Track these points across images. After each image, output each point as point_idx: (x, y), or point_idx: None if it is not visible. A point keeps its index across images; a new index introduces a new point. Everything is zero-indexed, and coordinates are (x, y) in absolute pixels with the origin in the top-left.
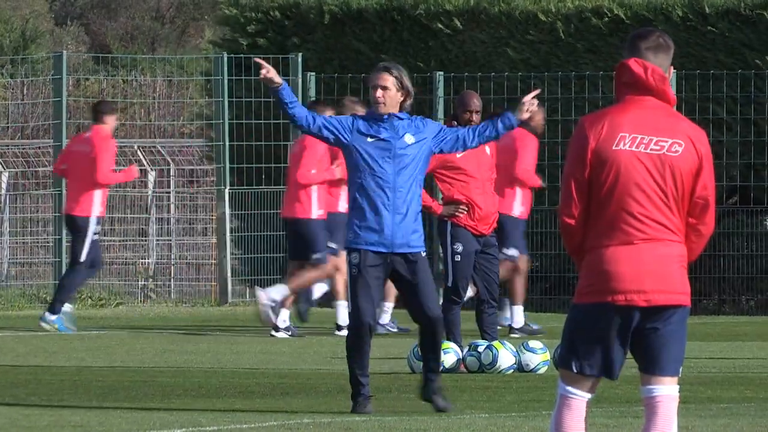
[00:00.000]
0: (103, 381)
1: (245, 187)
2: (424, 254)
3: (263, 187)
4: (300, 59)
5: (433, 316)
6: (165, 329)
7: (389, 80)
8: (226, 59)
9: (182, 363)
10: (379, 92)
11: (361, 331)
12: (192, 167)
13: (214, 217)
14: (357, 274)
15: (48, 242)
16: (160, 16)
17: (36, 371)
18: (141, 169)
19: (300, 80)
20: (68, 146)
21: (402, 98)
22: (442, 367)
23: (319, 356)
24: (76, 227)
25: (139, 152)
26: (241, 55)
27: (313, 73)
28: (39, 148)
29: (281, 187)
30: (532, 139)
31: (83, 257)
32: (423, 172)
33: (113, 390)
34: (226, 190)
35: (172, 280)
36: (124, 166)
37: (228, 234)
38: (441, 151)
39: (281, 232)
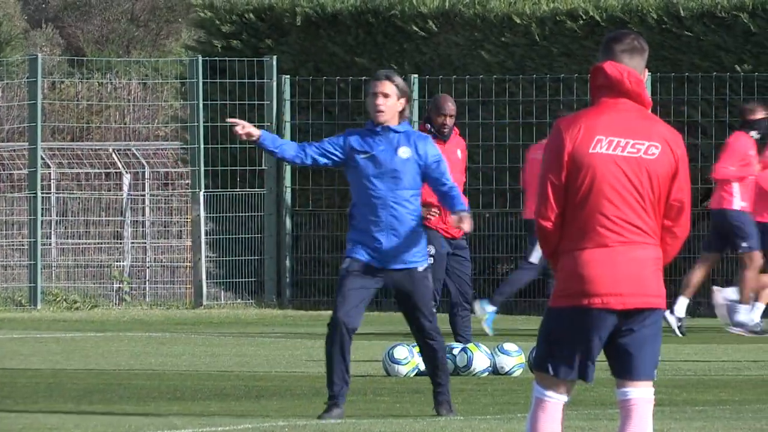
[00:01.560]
0: (78, 384)
1: (220, 190)
2: (422, 269)
3: (238, 189)
4: (275, 62)
5: (430, 330)
6: (140, 332)
7: (391, 88)
8: (200, 62)
9: (157, 366)
10: (381, 99)
11: (334, 332)
12: (167, 170)
13: (189, 220)
14: (343, 277)
15: (23, 245)
16: (135, 18)
17: (11, 374)
18: (116, 172)
19: (275, 83)
20: (528, 154)
21: (402, 106)
22: (415, 371)
23: (294, 359)
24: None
25: (114, 155)
26: (216, 58)
27: (288, 76)
28: (14, 150)
29: (256, 189)
30: (740, 138)
31: (535, 258)
32: (419, 185)
33: (88, 393)
34: (201, 193)
35: (147, 282)
36: (100, 168)
37: (203, 236)
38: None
39: (256, 235)
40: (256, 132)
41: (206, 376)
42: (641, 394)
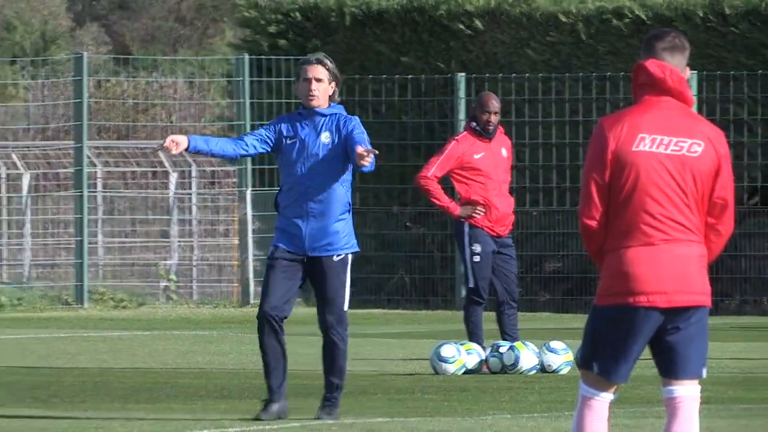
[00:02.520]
0: (124, 382)
1: (267, 189)
2: (337, 258)
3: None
4: None
5: (328, 328)
6: (187, 330)
7: (323, 72)
8: (247, 61)
9: (204, 364)
10: (314, 84)
11: (261, 323)
12: (214, 168)
13: (235, 219)
14: (268, 266)
15: (70, 244)
16: (181, 17)
17: (58, 373)
18: (162, 171)
19: None
20: None
21: (332, 89)
22: (463, 369)
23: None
24: None
25: (160, 153)
26: (262, 57)
27: None
28: (60, 149)
29: None
30: None
31: None
32: (343, 171)
33: (135, 391)
34: (248, 192)
35: (193, 281)
36: (146, 167)
37: (250, 235)
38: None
39: None
40: (184, 144)
41: (253, 375)
42: (687, 392)
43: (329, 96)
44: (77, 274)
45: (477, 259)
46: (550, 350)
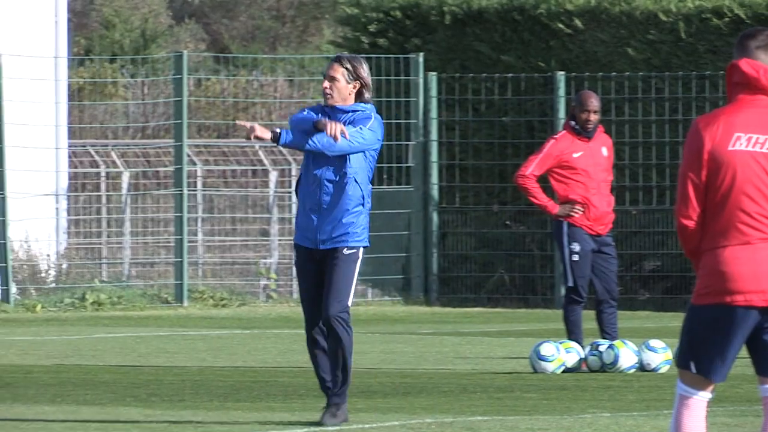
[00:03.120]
0: (224, 381)
1: None
2: (347, 251)
3: (384, 187)
4: (421, 59)
5: (329, 316)
6: (287, 329)
7: (339, 71)
8: None
9: (304, 363)
10: (326, 83)
11: (308, 332)
12: None
13: None
14: (298, 276)
15: (169, 242)
16: (280, 15)
17: (157, 372)
18: (262, 169)
19: (421, 80)
20: None
21: (354, 89)
22: (562, 367)
23: (442, 356)
24: None
25: (260, 152)
26: (362, 56)
27: (435, 74)
28: (160, 147)
29: (402, 186)
30: None
31: None
32: (357, 166)
33: (234, 390)
34: None
35: (293, 279)
36: (246, 165)
37: None
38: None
39: (403, 232)
40: (267, 134)
41: (353, 373)
42: None
43: (354, 95)
44: (177, 273)
45: (576, 258)
46: (649, 349)
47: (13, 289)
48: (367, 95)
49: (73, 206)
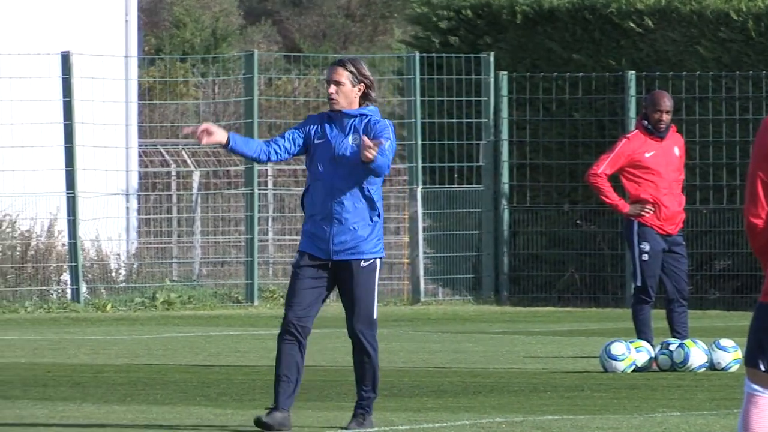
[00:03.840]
0: None
1: (437, 186)
2: (365, 264)
3: (455, 186)
4: (492, 58)
5: (357, 336)
6: None
7: (343, 75)
8: (418, 59)
9: None
10: (332, 88)
11: (283, 330)
12: None
13: (406, 216)
14: (293, 274)
15: (240, 242)
16: (351, 14)
17: (228, 371)
18: None
19: (492, 79)
20: None
21: (360, 92)
22: (633, 366)
23: (512, 355)
24: None
25: None
26: (433, 55)
27: (505, 73)
28: None
29: (473, 186)
30: None
31: None
32: (369, 174)
33: (305, 389)
34: (419, 189)
35: None
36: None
37: (420, 233)
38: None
39: (474, 231)
40: (223, 137)
41: (423, 373)
42: None
43: (359, 98)
44: (247, 272)
45: (645, 257)
46: (719, 348)
47: (84, 288)
48: (373, 95)
49: (144, 206)
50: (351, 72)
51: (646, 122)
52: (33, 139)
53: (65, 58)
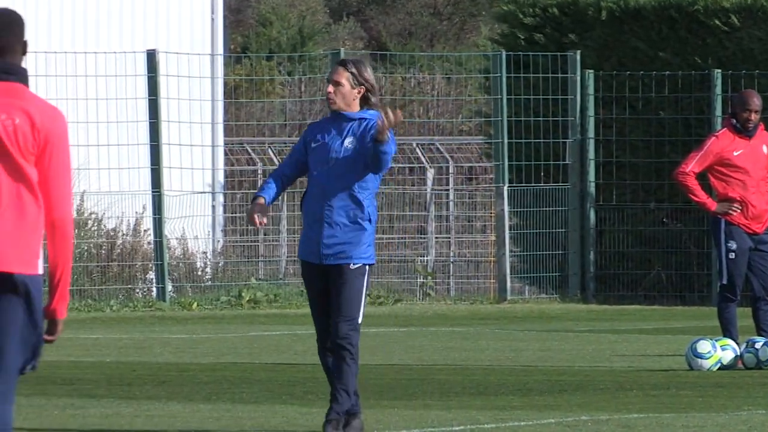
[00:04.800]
0: (380, 379)
1: (524, 185)
2: (354, 267)
3: (542, 184)
4: (578, 56)
5: (339, 337)
6: (444, 327)
7: (344, 75)
8: (504, 57)
9: (461, 360)
10: (331, 88)
11: (320, 345)
12: (471, 164)
13: (492, 215)
14: (305, 284)
15: None
16: (438, 12)
17: (314, 369)
18: (420, 167)
19: (578, 78)
20: None
21: (359, 94)
22: (718, 365)
23: (598, 353)
24: None
25: (417, 149)
26: (520, 53)
27: (592, 71)
28: None
29: (560, 184)
30: None
31: None
32: (362, 178)
33: (391, 388)
34: (505, 188)
35: (451, 277)
36: (404, 163)
37: (507, 231)
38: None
39: (560, 229)
40: (265, 210)
41: (509, 371)
42: None
43: (360, 100)
44: None
45: (732, 255)
46: None
47: (169, 287)
48: (373, 99)
49: (230, 204)
50: (352, 73)
51: (734, 121)
52: (119, 137)
53: (151, 56)
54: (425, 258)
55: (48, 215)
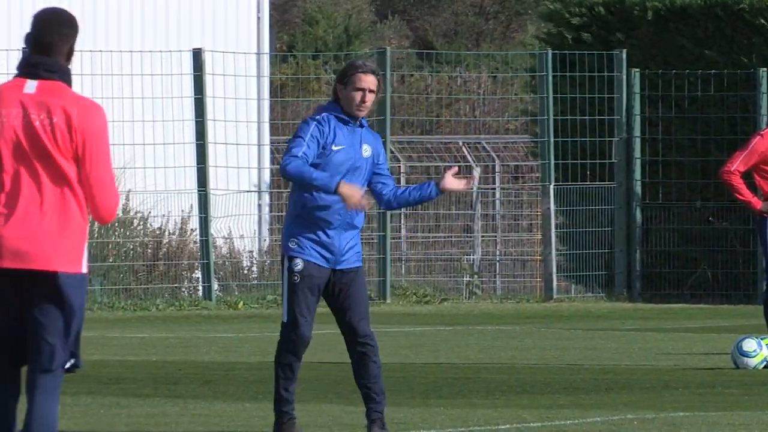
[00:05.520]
0: (426, 378)
1: (570, 183)
2: (360, 269)
3: (588, 183)
4: (624, 55)
5: (366, 333)
6: (490, 325)
7: (375, 84)
8: (550, 55)
9: (507, 359)
10: (369, 97)
11: (296, 343)
12: (517, 163)
13: (539, 213)
14: (299, 282)
15: (372, 239)
16: (484, 11)
17: None
18: (466, 166)
19: (624, 76)
20: None
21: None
22: (764, 363)
23: (644, 352)
24: None
25: (464, 148)
26: (566, 51)
27: (638, 70)
28: None
29: (606, 183)
30: None
31: None
32: (366, 185)
33: (436, 386)
34: (551, 186)
35: (497, 276)
36: (450, 162)
37: (553, 230)
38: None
39: (606, 228)
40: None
41: (555, 370)
42: None
43: None
44: (380, 269)
45: None
46: None
47: (215, 286)
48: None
49: (276, 203)
50: (379, 81)
51: None
52: (165, 136)
53: (197, 55)
54: (471, 257)
55: (94, 211)
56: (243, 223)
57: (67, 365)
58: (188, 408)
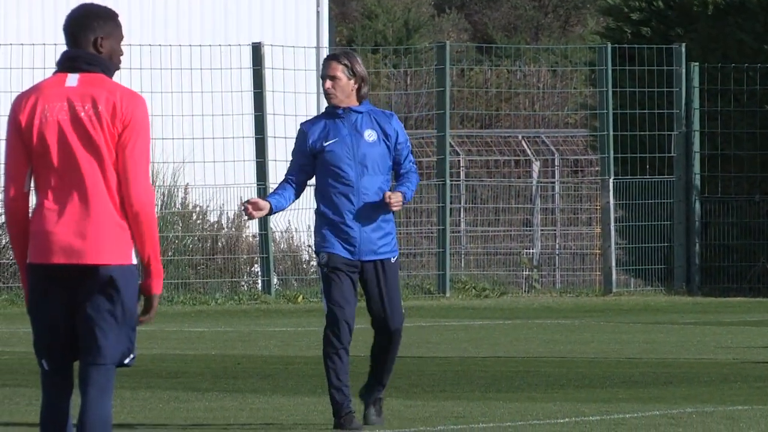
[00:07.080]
0: (485, 371)
1: (629, 177)
2: (393, 260)
3: (647, 177)
4: (683, 49)
5: (396, 329)
6: (549, 319)
7: (338, 69)
8: (609, 49)
9: (566, 353)
10: (329, 83)
11: (336, 331)
12: (576, 157)
13: (598, 207)
14: (329, 273)
15: (432, 233)
16: (543, 5)
17: (419, 362)
18: (525, 160)
19: (684, 70)
20: None
21: (356, 85)
22: None
23: (703, 345)
24: None
25: (523, 142)
26: (625, 45)
27: (697, 64)
28: (423, 138)
29: (665, 176)
30: None
31: None
32: (388, 171)
33: (496, 380)
34: (611, 180)
35: (556, 270)
36: (509, 156)
37: (612, 224)
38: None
39: (665, 222)
40: (265, 208)
41: (614, 363)
42: None
43: (356, 92)
44: (439, 263)
45: None
46: None
47: (275, 280)
48: (364, 90)
49: None
50: (345, 65)
51: None
52: (224, 130)
53: (256, 49)
54: (531, 250)
55: (127, 200)
56: (302, 217)
57: (126, 360)
58: (247, 402)
